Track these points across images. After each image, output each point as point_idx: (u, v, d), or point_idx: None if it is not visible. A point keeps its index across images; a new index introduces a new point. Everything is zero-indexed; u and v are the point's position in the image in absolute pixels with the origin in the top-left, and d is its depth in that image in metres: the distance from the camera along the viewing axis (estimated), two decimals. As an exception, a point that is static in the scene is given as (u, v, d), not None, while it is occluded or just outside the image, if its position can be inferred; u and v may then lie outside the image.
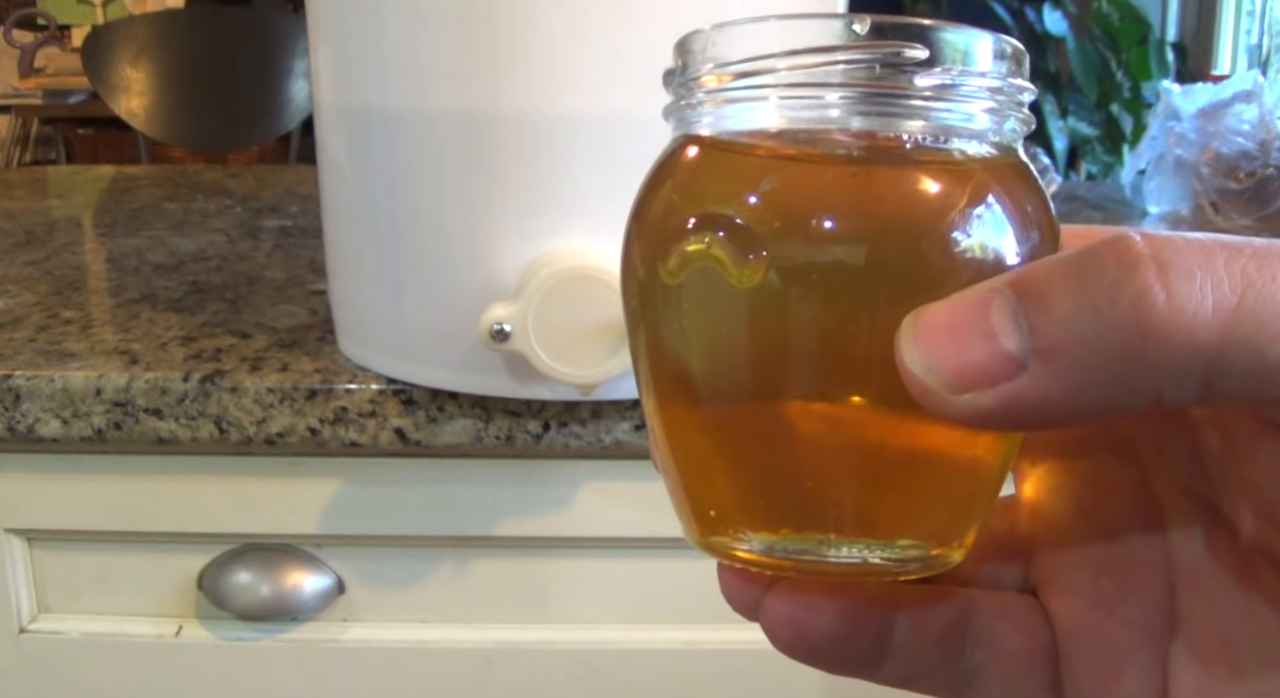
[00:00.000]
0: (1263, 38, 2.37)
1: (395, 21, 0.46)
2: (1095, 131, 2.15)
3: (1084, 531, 0.24)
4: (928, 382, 0.17)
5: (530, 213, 0.47)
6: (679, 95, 0.21)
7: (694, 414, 0.21)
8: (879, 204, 0.19)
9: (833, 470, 0.20)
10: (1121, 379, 0.16)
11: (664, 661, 0.61)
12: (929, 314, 0.18)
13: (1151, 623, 0.23)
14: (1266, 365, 0.16)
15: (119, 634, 0.60)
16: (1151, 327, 0.16)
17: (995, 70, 0.20)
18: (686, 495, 0.22)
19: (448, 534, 0.59)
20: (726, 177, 0.20)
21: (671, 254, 0.20)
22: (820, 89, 0.19)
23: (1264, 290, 0.16)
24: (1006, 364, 0.17)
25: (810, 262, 0.19)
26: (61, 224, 0.96)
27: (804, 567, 0.21)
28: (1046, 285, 0.17)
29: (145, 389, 0.54)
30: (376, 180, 0.50)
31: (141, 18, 2.10)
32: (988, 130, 0.20)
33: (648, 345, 0.21)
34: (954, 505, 0.21)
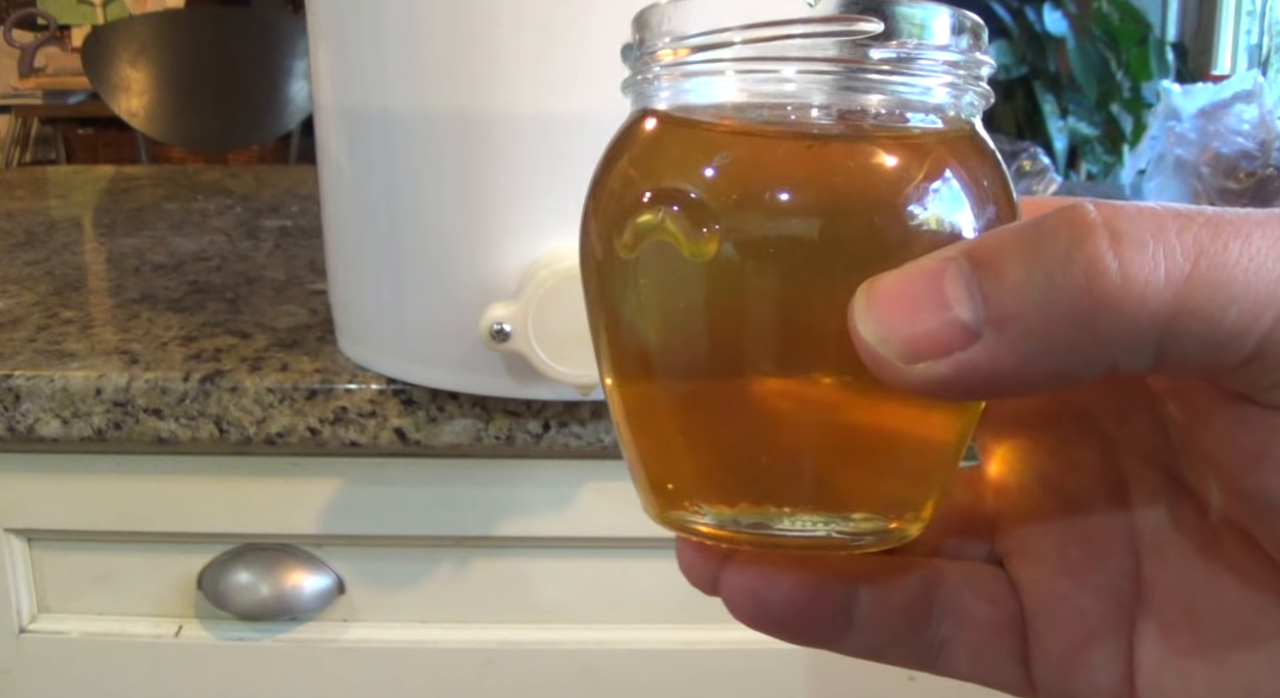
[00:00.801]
0: (1263, 38, 2.37)
1: (395, 22, 0.46)
2: (1095, 131, 2.15)
3: (1049, 502, 0.24)
4: (882, 352, 0.17)
5: (530, 213, 0.47)
6: (636, 69, 0.21)
7: (651, 388, 0.21)
8: (833, 177, 0.19)
9: (788, 444, 0.21)
10: (1075, 348, 0.16)
11: (663, 661, 0.61)
12: (882, 283, 0.18)
13: (1117, 594, 0.23)
14: (1219, 333, 0.16)
15: (119, 634, 0.60)
16: (1103, 295, 0.16)
17: (953, 44, 0.20)
18: (644, 470, 0.22)
19: (448, 534, 0.59)
20: (681, 150, 0.20)
21: (626, 229, 0.20)
22: (776, 63, 0.19)
23: (1216, 258, 0.16)
24: (960, 333, 0.17)
25: (764, 235, 0.19)
26: (61, 224, 0.96)
27: (761, 540, 0.21)
28: (1000, 254, 0.17)
29: (145, 389, 0.54)
30: (376, 180, 0.50)
31: (141, 18, 2.10)
32: (945, 104, 0.20)
33: (606, 321, 0.21)
34: (911, 479, 0.21)
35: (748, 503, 0.21)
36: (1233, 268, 0.16)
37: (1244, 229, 0.16)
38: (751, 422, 0.20)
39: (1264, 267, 0.16)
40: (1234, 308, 0.16)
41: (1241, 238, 0.16)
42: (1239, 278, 0.16)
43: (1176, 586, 0.22)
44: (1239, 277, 0.16)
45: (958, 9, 0.20)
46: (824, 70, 0.19)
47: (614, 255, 0.20)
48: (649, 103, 0.21)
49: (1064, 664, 0.23)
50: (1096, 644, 0.23)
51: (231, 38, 1.96)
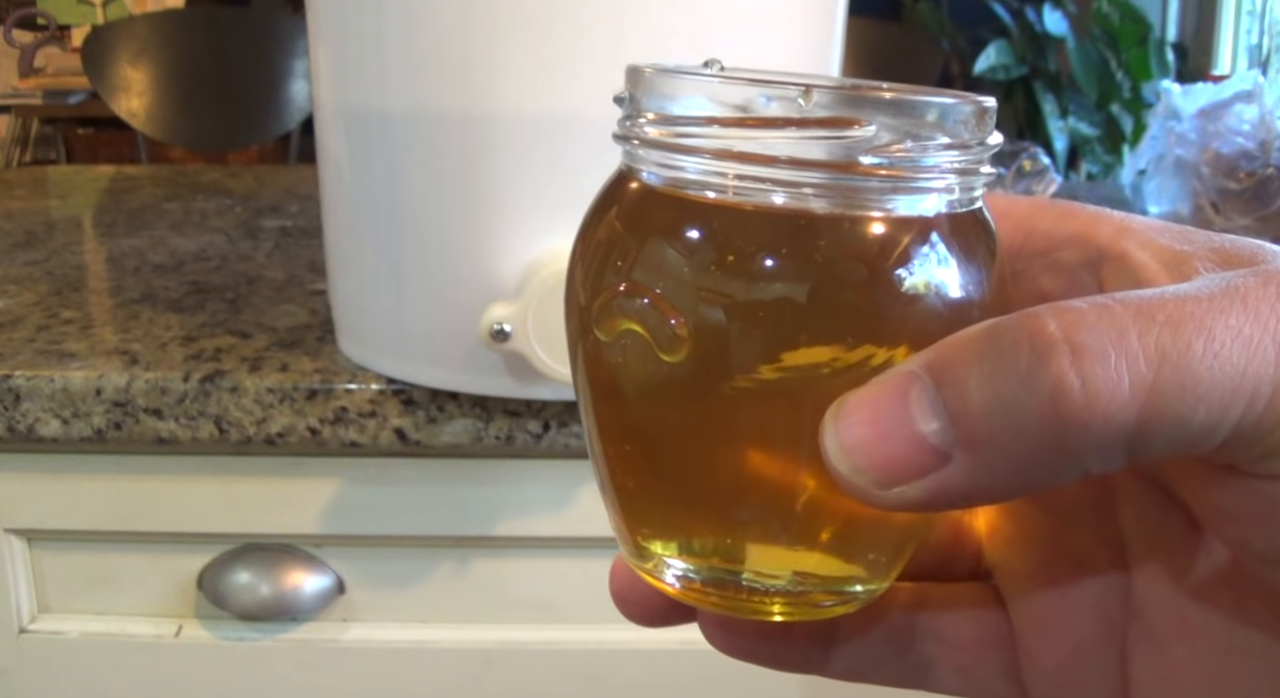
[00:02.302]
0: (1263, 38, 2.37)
1: (395, 21, 0.46)
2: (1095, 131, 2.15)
3: (1036, 515, 0.24)
4: (855, 480, 0.18)
5: (530, 213, 0.47)
6: (624, 129, 0.21)
7: (629, 449, 0.21)
8: (806, 265, 0.19)
9: (762, 510, 0.21)
10: (1046, 463, 0.16)
11: (664, 661, 0.61)
12: (849, 407, 0.18)
13: (1108, 607, 0.23)
14: (1190, 432, 0.16)
15: (119, 634, 0.60)
16: (1070, 416, 0.16)
17: (957, 138, 0.19)
18: (622, 519, 0.22)
19: (448, 534, 0.59)
20: (655, 233, 0.20)
21: (603, 317, 0.20)
22: (763, 165, 0.19)
23: (1180, 361, 0.16)
24: (931, 456, 0.17)
25: (735, 331, 0.19)
26: (61, 224, 0.96)
27: (727, 602, 0.21)
28: (963, 370, 0.17)
29: (145, 389, 0.54)
30: (376, 180, 0.50)
31: (141, 18, 2.10)
32: (940, 191, 0.19)
33: (587, 379, 0.22)
34: (880, 550, 0.22)
35: (719, 558, 0.21)
36: (1197, 368, 0.16)
37: (1206, 323, 0.16)
38: (729, 488, 0.21)
39: (1229, 362, 0.16)
40: (1201, 407, 0.16)
41: (1204, 335, 0.16)
42: (1204, 378, 0.16)
43: (1166, 599, 0.22)
44: (1204, 376, 0.16)
45: (964, 95, 0.19)
46: (814, 177, 0.19)
47: (592, 333, 0.20)
48: (635, 165, 0.21)
49: (1057, 679, 0.23)
50: (1089, 659, 0.23)
51: (231, 38, 1.96)
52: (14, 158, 3.09)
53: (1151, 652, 0.22)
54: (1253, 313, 0.16)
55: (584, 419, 0.22)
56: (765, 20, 0.46)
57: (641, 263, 0.20)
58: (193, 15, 2.22)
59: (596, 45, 0.44)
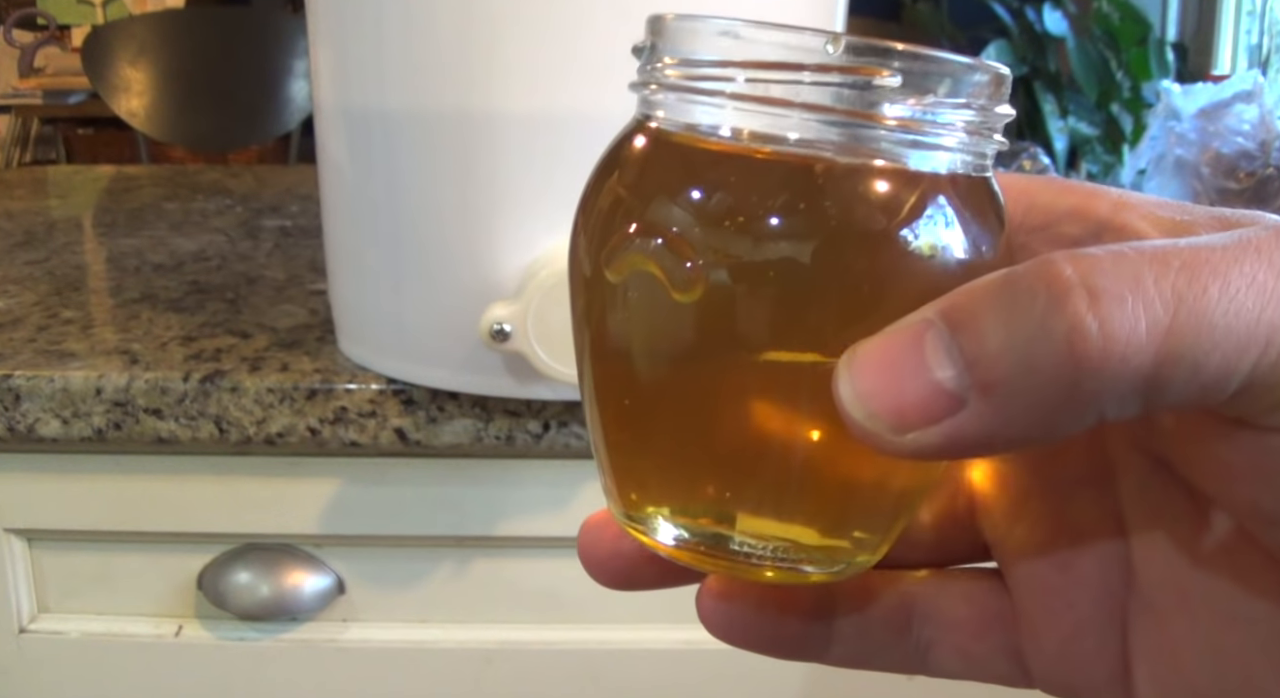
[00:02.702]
0: (1263, 38, 2.37)
1: (395, 21, 0.46)
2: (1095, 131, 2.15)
3: (1036, 490, 0.24)
4: (869, 426, 0.17)
5: (530, 213, 0.47)
6: (643, 75, 0.21)
7: (629, 406, 0.21)
8: (822, 213, 0.19)
9: (760, 470, 0.20)
10: (1062, 408, 0.16)
11: (664, 661, 0.61)
12: (863, 352, 0.18)
13: (1108, 583, 0.23)
14: (1204, 378, 0.16)
15: (119, 634, 0.60)
16: (1086, 358, 0.16)
17: (973, 101, 0.19)
18: (613, 476, 0.22)
19: (448, 534, 0.59)
20: (671, 175, 0.20)
21: (614, 256, 0.20)
22: (782, 108, 0.19)
23: (1195, 305, 0.16)
24: (946, 401, 0.17)
25: (748, 273, 0.19)
26: (61, 224, 0.96)
27: (719, 561, 0.21)
28: (978, 315, 0.17)
29: (145, 389, 0.54)
30: (376, 180, 0.50)
31: (141, 18, 2.10)
32: (954, 150, 0.19)
33: (590, 336, 0.21)
34: (878, 513, 0.22)
35: (710, 520, 0.21)
36: (1213, 313, 0.16)
37: (1221, 269, 0.16)
38: (728, 447, 0.20)
39: (1243, 307, 0.16)
40: (1216, 353, 0.16)
41: (1219, 280, 0.16)
42: (1219, 323, 0.16)
43: (1167, 572, 0.22)
44: (1219, 322, 0.16)
45: (981, 61, 0.19)
46: (826, 121, 0.19)
47: (601, 276, 0.20)
48: (649, 111, 0.21)
49: (1058, 656, 0.23)
50: (1090, 635, 0.23)
51: (231, 38, 1.96)
52: (14, 158, 3.08)
53: (1152, 625, 0.22)
54: (1266, 261, 0.16)
55: (580, 370, 0.22)
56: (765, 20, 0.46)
57: (657, 204, 0.19)
58: (193, 15, 2.22)
59: (596, 45, 0.44)
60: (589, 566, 0.24)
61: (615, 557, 0.24)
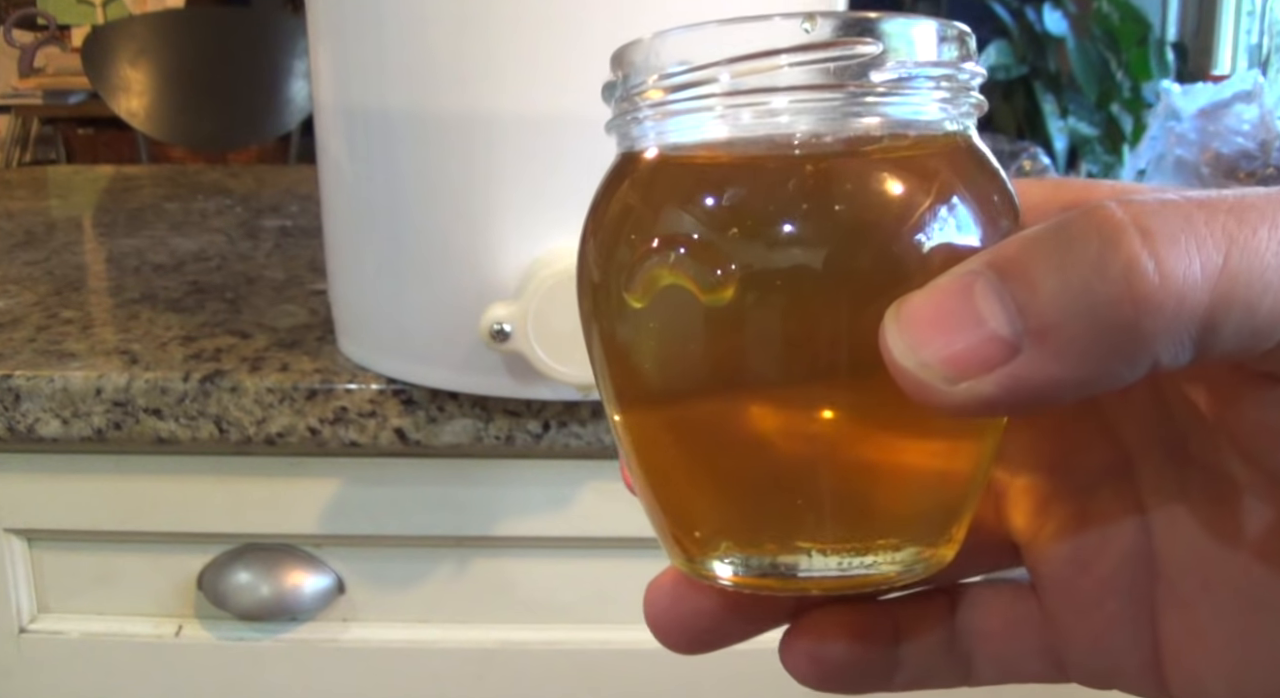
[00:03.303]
0: (1263, 38, 2.37)
1: (395, 21, 0.46)
2: (1095, 131, 2.15)
3: (1058, 492, 0.24)
4: (922, 376, 0.17)
5: (530, 213, 0.47)
6: (620, 110, 0.20)
7: (669, 434, 0.21)
8: (839, 203, 0.18)
9: (816, 481, 0.20)
10: (1119, 351, 0.16)
11: (664, 661, 0.61)
12: (911, 305, 0.17)
13: (1134, 575, 0.23)
14: (1257, 320, 0.16)
15: (119, 634, 0.60)
16: (1144, 295, 0.16)
17: (943, 57, 0.19)
18: (667, 520, 0.21)
19: (448, 534, 0.59)
20: (681, 189, 0.19)
21: (636, 278, 0.19)
22: (768, 95, 0.18)
23: (1247, 245, 0.16)
24: (1001, 348, 0.16)
25: (778, 271, 0.18)
26: (61, 224, 0.96)
27: (791, 585, 0.20)
28: (1028, 262, 0.16)
29: (145, 389, 0.54)
30: (376, 180, 0.50)
31: (141, 18, 2.10)
32: (942, 119, 0.19)
33: (614, 366, 0.21)
34: (941, 507, 0.21)
35: (775, 544, 0.20)
36: (1265, 254, 0.16)
37: (1269, 213, 0.16)
38: (779, 461, 0.20)
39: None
40: (1269, 294, 0.16)
41: (1268, 223, 0.16)
42: (1273, 264, 0.16)
43: (1191, 560, 0.22)
44: (1273, 262, 0.16)
45: (942, 20, 0.19)
46: (818, 99, 0.18)
47: (624, 304, 0.20)
48: (637, 144, 0.20)
49: (1091, 651, 0.23)
50: (1120, 628, 0.23)
51: (231, 38, 1.96)
52: (14, 158, 3.08)
53: (1179, 613, 0.22)
54: None
55: (611, 413, 0.21)
56: (765, 20, 0.46)
57: (668, 221, 0.19)
58: (193, 15, 2.22)
59: (596, 45, 0.44)
60: (662, 633, 0.24)
61: (695, 615, 0.23)
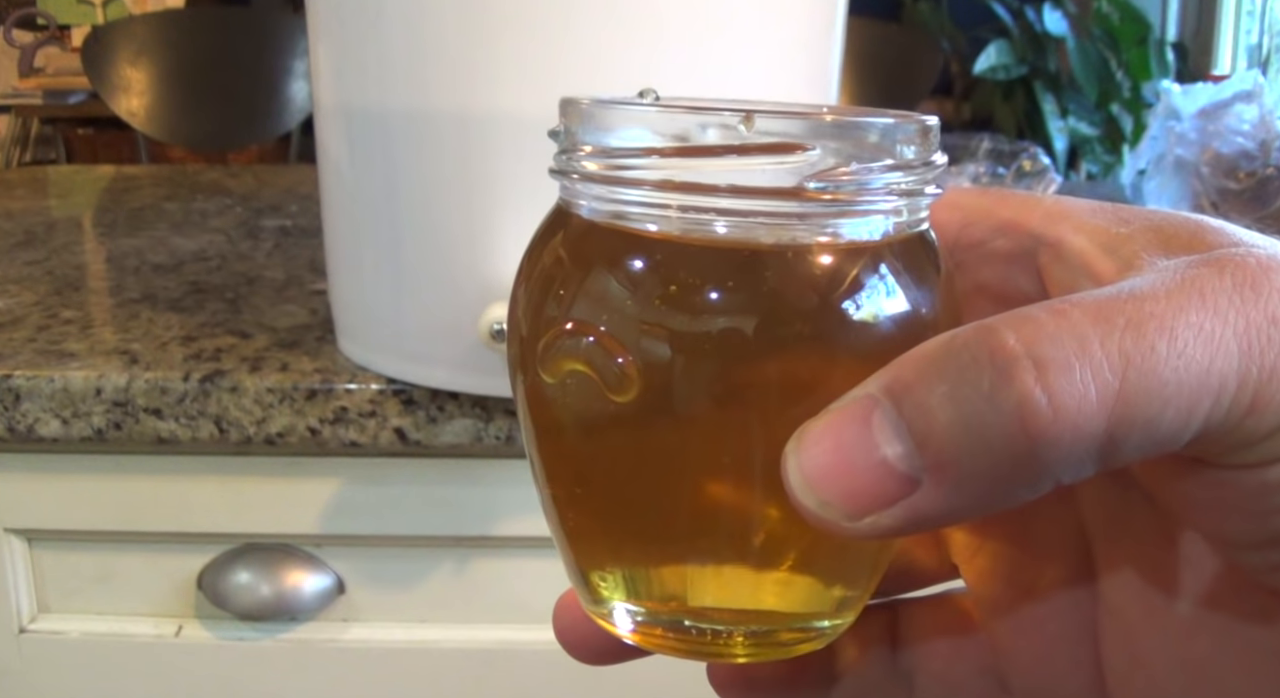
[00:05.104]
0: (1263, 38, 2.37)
1: (395, 21, 0.46)
2: (1095, 131, 2.15)
3: (997, 514, 0.24)
4: (823, 514, 0.17)
5: (530, 213, 0.46)
6: (560, 164, 0.20)
7: (580, 492, 0.21)
8: (754, 298, 0.18)
9: (715, 551, 0.20)
10: (1017, 479, 0.16)
11: (663, 661, 0.61)
12: (809, 438, 0.17)
13: (1076, 597, 0.23)
14: (1160, 433, 0.16)
15: (119, 634, 0.60)
16: (1039, 432, 0.15)
17: (900, 155, 0.19)
18: (574, 563, 0.22)
19: (448, 534, 0.59)
20: (597, 271, 0.19)
21: (547, 359, 0.19)
22: (706, 195, 0.18)
23: (1144, 365, 0.16)
24: (900, 483, 0.16)
25: (683, 367, 0.18)
26: (61, 224, 0.96)
27: (689, 645, 0.21)
28: (923, 391, 0.16)
29: (145, 389, 0.54)
30: (376, 180, 0.50)
31: (141, 18, 2.10)
32: (886, 213, 0.19)
33: (536, 433, 0.21)
34: (842, 582, 0.21)
35: (670, 603, 0.21)
36: (1162, 371, 0.16)
37: (1167, 322, 0.16)
38: (682, 530, 0.20)
39: (1193, 360, 0.16)
40: (1169, 408, 0.16)
41: (1166, 335, 0.16)
42: (1170, 379, 0.16)
43: (1133, 584, 0.22)
44: (1170, 378, 0.16)
45: (907, 115, 0.19)
46: (759, 205, 0.18)
47: (538, 376, 0.20)
48: (574, 199, 0.20)
49: (1033, 672, 0.23)
50: (1061, 651, 0.23)
51: (231, 38, 1.96)
52: (14, 158, 3.08)
53: (1121, 637, 0.22)
54: (1211, 307, 0.16)
55: (529, 458, 0.22)
56: (766, 20, 0.46)
57: (584, 299, 0.19)
58: (193, 15, 2.22)
59: (597, 45, 0.44)
60: (568, 647, 0.24)
61: (594, 635, 0.24)
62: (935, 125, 0.19)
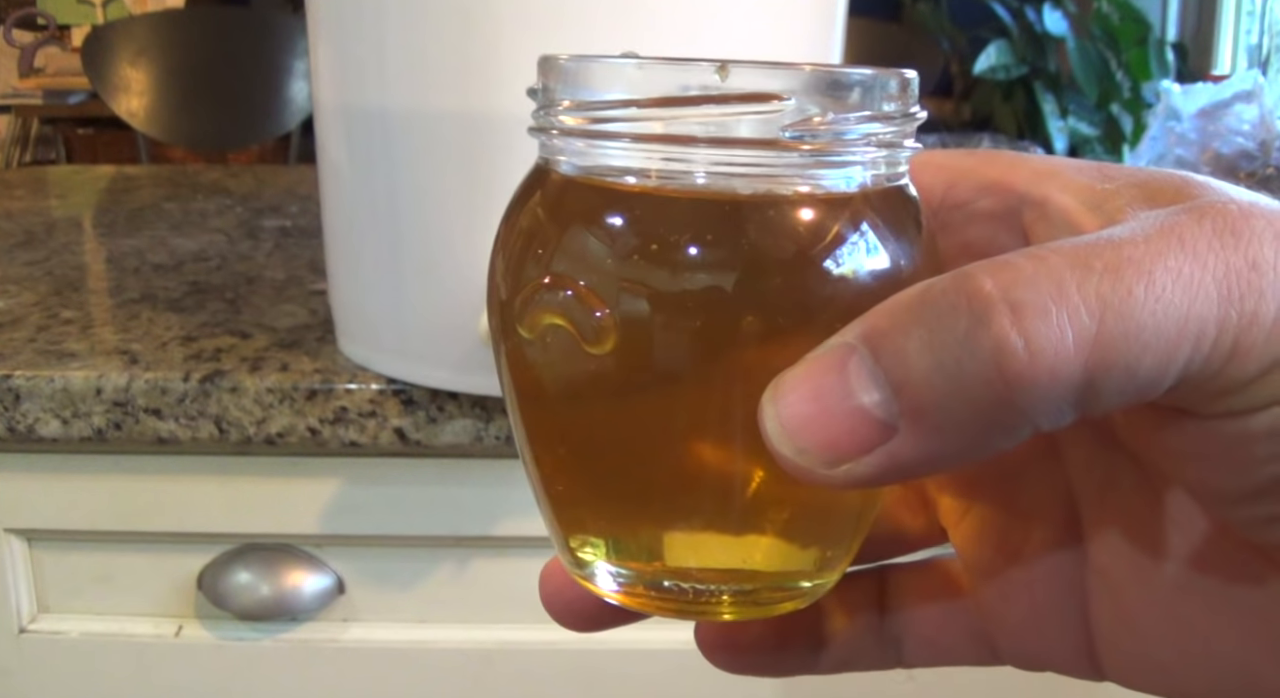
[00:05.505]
0: (1263, 38, 2.37)
1: (395, 21, 0.46)
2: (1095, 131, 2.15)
3: (983, 477, 0.24)
4: (800, 462, 0.17)
5: (530, 213, 0.47)
6: (539, 121, 0.20)
7: (562, 453, 0.21)
8: (732, 249, 0.18)
9: (696, 510, 0.20)
10: (995, 424, 0.16)
11: (664, 661, 0.61)
12: (787, 386, 0.17)
13: (1062, 560, 0.23)
14: (1139, 378, 0.16)
15: (119, 634, 0.60)
16: (1016, 376, 0.15)
17: (879, 109, 0.19)
18: (557, 526, 0.22)
19: (448, 534, 0.59)
20: (575, 225, 0.19)
21: (525, 313, 0.19)
22: (684, 146, 0.18)
23: (1122, 308, 0.15)
24: (877, 429, 0.16)
25: (660, 319, 0.18)
26: (61, 224, 0.96)
27: (672, 605, 0.21)
28: (900, 337, 0.16)
29: (145, 389, 0.54)
30: (376, 180, 0.50)
31: (141, 18, 2.10)
32: (864, 164, 0.19)
33: (517, 392, 0.21)
34: (826, 540, 0.21)
35: (651, 562, 0.21)
36: (1140, 314, 0.15)
37: (1145, 266, 0.16)
38: (663, 488, 0.20)
39: (1171, 304, 0.16)
40: (1148, 354, 0.16)
41: (1144, 279, 0.16)
42: (1148, 324, 0.15)
43: (1120, 545, 0.22)
44: (1148, 322, 0.15)
45: (884, 69, 0.19)
46: (737, 156, 0.18)
47: (516, 332, 0.20)
48: (552, 156, 0.20)
49: (1021, 635, 0.23)
50: (1050, 613, 0.23)
51: (231, 38, 1.96)
52: (14, 158, 3.08)
53: (1110, 598, 0.22)
54: (1190, 252, 0.16)
55: (512, 422, 0.22)
56: (766, 20, 0.46)
57: (562, 254, 0.19)
58: (193, 15, 2.22)
59: (598, 45, 0.44)
60: (554, 614, 0.24)
61: (579, 600, 0.23)
62: (914, 79, 0.19)
